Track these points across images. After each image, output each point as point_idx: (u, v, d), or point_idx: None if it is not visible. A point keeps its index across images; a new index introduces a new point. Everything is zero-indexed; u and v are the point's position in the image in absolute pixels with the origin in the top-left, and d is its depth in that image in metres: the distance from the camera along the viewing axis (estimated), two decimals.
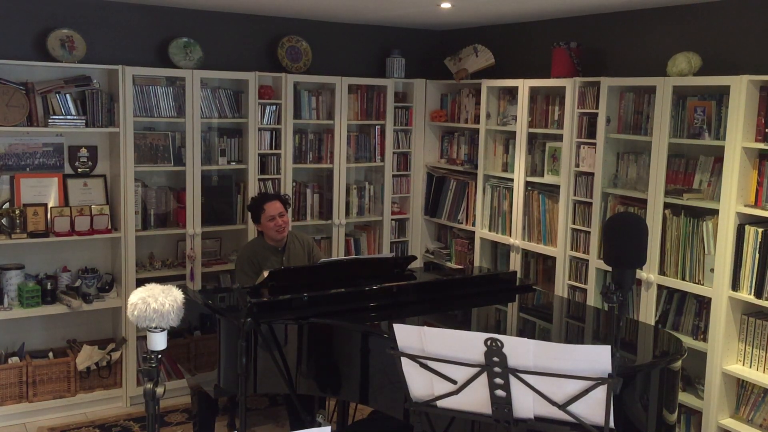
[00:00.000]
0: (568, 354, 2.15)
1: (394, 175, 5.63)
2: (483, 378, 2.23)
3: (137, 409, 4.69)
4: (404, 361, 2.32)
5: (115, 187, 4.73)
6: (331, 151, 5.33)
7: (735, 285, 3.70)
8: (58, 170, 4.69)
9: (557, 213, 4.63)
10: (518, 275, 4.60)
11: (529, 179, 4.87)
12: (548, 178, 4.75)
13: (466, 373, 2.24)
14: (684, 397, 3.93)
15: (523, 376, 2.17)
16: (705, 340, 3.86)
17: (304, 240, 4.63)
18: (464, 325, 3.62)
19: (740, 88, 3.60)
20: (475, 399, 2.30)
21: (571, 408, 2.18)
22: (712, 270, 3.78)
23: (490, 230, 5.21)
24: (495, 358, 2.18)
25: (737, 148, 3.62)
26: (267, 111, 5.07)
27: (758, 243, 3.59)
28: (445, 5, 4.48)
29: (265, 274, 3.82)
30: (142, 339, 4.70)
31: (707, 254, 3.82)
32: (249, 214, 4.58)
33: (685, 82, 3.89)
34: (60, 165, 4.69)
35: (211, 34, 5.09)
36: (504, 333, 3.26)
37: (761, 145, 3.58)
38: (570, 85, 4.50)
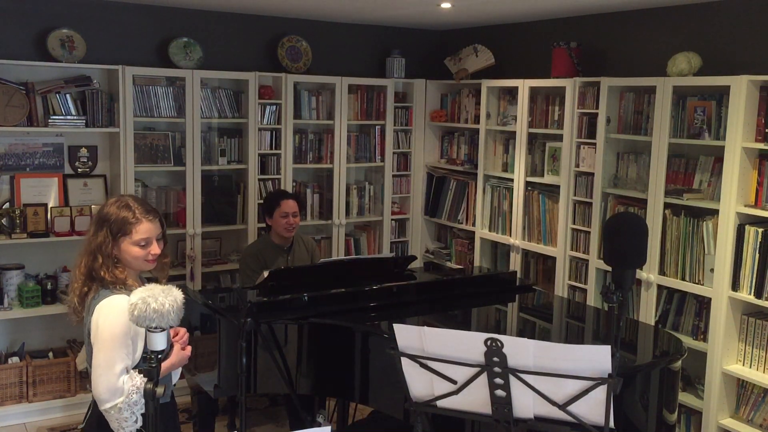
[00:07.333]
0: (568, 354, 2.15)
1: (394, 175, 5.63)
2: (483, 378, 2.23)
3: None
4: (404, 361, 2.32)
5: (115, 187, 4.73)
6: (331, 151, 5.33)
7: (735, 285, 3.69)
8: (58, 170, 4.69)
9: (557, 213, 4.63)
10: (518, 275, 4.60)
11: (529, 179, 4.87)
12: (548, 178, 4.75)
13: (466, 373, 2.24)
14: (684, 397, 3.93)
15: (523, 376, 2.17)
16: (705, 340, 3.86)
17: (309, 243, 4.64)
18: (464, 325, 3.62)
19: (740, 88, 3.59)
20: (475, 399, 2.30)
21: (571, 408, 2.18)
22: (712, 270, 3.78)
23: (490, 230, 5.21)
24: (495, 358, 2.18)
25: (737, 148, 3.62)
26: (267, 111, 5.07)
27: (758, 243, 3.59)
28: (445, 5, 4.48)
29: (265, 274, 3.82)
30: None
31: (707, 254, 3.82)
32: (260, 208, 4.51)
33: (685, 82, 3.89)
34: (60, 165, 4.69)
35: (211, 34, 5.09)
36: (504, 333, 3.26)
37: (761, 145, 3.58)
38: (570, 85, 4.50)
